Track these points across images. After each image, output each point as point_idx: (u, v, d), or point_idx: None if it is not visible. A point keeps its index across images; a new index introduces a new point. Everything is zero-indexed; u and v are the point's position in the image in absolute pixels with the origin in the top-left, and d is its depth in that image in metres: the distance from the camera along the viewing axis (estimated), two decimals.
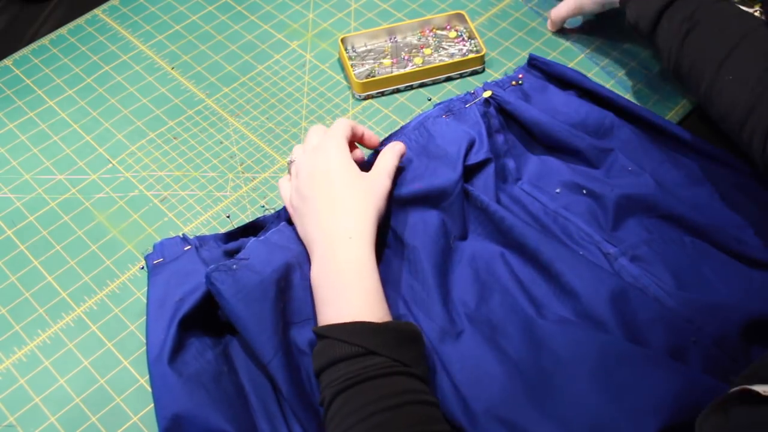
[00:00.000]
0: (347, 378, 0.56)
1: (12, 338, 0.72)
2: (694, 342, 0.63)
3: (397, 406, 0.54)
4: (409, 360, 0.58)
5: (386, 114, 0.89)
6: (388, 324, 0.59)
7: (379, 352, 0.56)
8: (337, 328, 0.59)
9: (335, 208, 0.66)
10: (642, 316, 0.63)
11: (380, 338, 0.57)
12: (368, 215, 0.66)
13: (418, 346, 0.60)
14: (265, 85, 0.93)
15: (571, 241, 0.71)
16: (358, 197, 0.66)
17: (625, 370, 0.59)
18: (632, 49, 0.95)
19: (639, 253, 0.70)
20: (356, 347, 0.57)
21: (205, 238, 0.74)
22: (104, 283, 0.76)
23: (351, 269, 0.62)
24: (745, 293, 0.67)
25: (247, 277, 0.65)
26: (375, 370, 0.56)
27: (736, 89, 0.68)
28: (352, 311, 0.60)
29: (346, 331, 0.58)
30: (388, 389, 0.55)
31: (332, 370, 0.57)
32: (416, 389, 0.57)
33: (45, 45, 0.97)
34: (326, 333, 0.59)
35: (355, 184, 0.67)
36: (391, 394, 0.55)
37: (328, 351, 0.58)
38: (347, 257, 0.63)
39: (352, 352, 0.57)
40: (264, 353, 0.63)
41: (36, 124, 0.89)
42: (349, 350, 0.57)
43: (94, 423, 0.67)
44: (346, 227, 0.64)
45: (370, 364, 0.56)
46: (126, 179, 0.84)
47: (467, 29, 0.96)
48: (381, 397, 0.55)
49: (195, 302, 0.67)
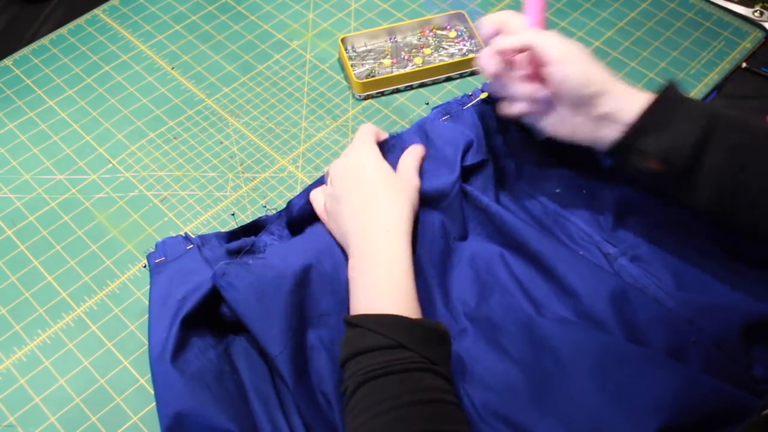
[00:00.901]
0: (374, 369, 0.56)
1: (12, 338, 0.72)
2: (694, 342, 0.63)
3: (420, 402, 0.54)
4: (437, 358, 0.57)
5: (386, 114, 0.89)
6: (420, 321, 0.60)
7: (409, 346, 0.56)
8: (369, 318, 0.59)
9: (371, 203, 0.66)
10: (642, 316, 0.63)
11: (411, 333, 0.57)
12: (404, 210, 0.66)
13: (446, 346, 0.60)
14: (265, 85, 0.93)
15: (571, 241, 0.72)
16: (392, 192, 0.67)
17: (626, 370, 0.59)
18: (632, 49, 0.95)
19: (639, 254, 0.70)
20: (387, 339, 0.57)
21: (207, 237, 0.74)
22: (104, 283, 0.76)
23: (387, 263, 0.63)
24: (745, 294, 0.67)
25: (262, 272, 0.66)
26: (403, 363, 0.56)
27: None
28: (385, 304, 0.60)
29: (379, 323, 0.58)
30: (413, 384, 0.55)
31: (360, 359, 0.57)
32: (441, 388, 0.56)
33: (45, 45, 0.97)
34: (358, 322, 0.59)
35: (389, 179, 0.68)
36: (415, 390, 0.55)
37: (358, 340, 0.58)
38: (384, 251, 0.63)
39: (383, 343, 0.57)
40: (273, 347, 0.63)
41: (36, 124, 0.89)
42: (380, 341, 0.57)
43: (94, 423, 0.67)
44: (383, 221, 0.65)
45: (399, 357, 0.56)
46: (126, 179, 0.84)
47: (467, 29, 0.96)
48: (405, 391, 0.55)
49: (197, 301, 0.67)
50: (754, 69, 0.93)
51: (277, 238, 0.73)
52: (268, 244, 0.73)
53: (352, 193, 0.68)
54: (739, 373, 0.63)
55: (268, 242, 0.73)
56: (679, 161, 0.62)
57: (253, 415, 0.64)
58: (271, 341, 0.63)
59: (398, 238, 0.64)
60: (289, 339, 0.64)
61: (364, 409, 0.55)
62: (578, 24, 0.99)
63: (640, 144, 0.63)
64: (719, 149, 0.61)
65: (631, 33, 0.98)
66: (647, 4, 1.01)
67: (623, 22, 0.99)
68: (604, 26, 0.98)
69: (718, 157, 0.61)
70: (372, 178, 0.68)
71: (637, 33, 0.98)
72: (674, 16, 0.99)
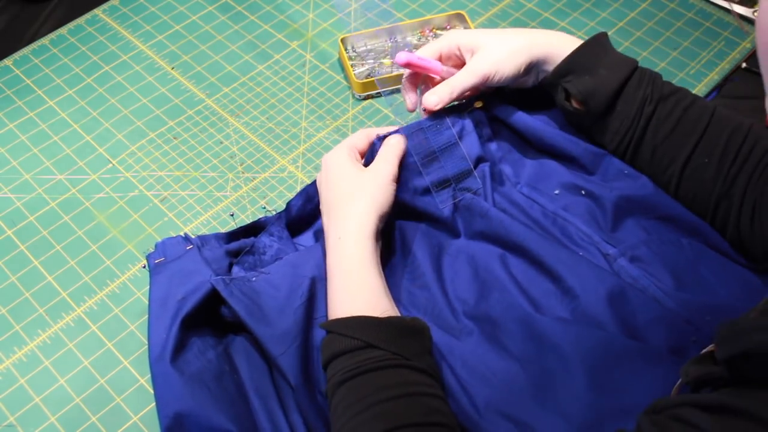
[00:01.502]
0: (347, 370, 0.57)
1: (12, 338, 0.72)
2: (693, 342, 0.63)
3: (396, 397, 0.55)
4: (410, 353, 0.58)
5: (386, 114, 0.89)
6: (390, 318, 0.61)
7: (378, 345, 0.58)
8: (339, 322, 0.61)
9: (335, 210, 0.68)
10: (641, 316, 0.63)
11: (380, 332, 0.59)
12: (367, 211, 0.67)
13: (421, 339, 0.61)
14: (265, 85, 0.93)
15: (571, 242, 0.71)
16: (354, 196, 0.68)
17: (625, 366, 0.59)
18: (632, 49, 0.95)
19: (638, 254, 0.70)
20: (355, 341, 0.58)
21: (206, 238, 0.74)
22: (104, 283, 0.76)
23: (353, 266, 0.64)
24: (743, 294, 0.67)
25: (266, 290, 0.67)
26: (373, 362, 0.57)
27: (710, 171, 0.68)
28: (355, 306, 0.62)
29: (347, 326, 0.60)
30: (386, 381, 0.56)
31: (335, 363, 0.59)
32: (417, 381, 0.57)
33: (45, 45, 0.97)
34: (329, 327, 0.61)
35: (352, 184, 0.68)
36: (389, 386, 0.56)
37: (331, 344, 0.59)
38: (348, 255, 0.65)
39: (352, 345, 0.58)
40: (275, 347, 0.64)
41: (36, 124, 0.89)
42: (349, 343, 0.58)
43: (94, 423, 0.67)
44: (345, 227, 0.66)
45: (369, 356, 0.57)
46: (126, 179, 0.84)
47: (467, 29, 0.96)
48: (379, 388, 0.56)
49: (197, 301, 0.67)
50: (754, 69, 0.93)
51: (276, 240, 0.74)
52: (268, 246, 0.73)
53: (323, 201, 0.70)
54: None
55: (268, 243, 0.73)
56: (597, 105, 0.71)
57: (252, 415, 0.64)
58: (274, 342, 0.64)
59: (359, 241, 0.65)
60: (293, 339, 0.64)
61: (345, 409, 0.56)
62: (578, 24, 0.99)
63: (564, 83, 0.72)
64: (635, 99, 0.70)
65: (631, 33, 0.98)
66: (647, 4, 1.01)
67: (623, 22, 0.99)
68: (604, 26, 0.98)
69: (633, 106, 0.70)
70: (334, 185, 0.69)
71: (637, 33, 0.98)
72: (674, 16, 0.99)
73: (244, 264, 0.71)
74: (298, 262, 0.70)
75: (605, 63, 0.71)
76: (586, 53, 0.71)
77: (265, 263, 0.72)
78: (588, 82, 0.71)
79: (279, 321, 0.65)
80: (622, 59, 0.72)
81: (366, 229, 0.66)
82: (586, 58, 0.71)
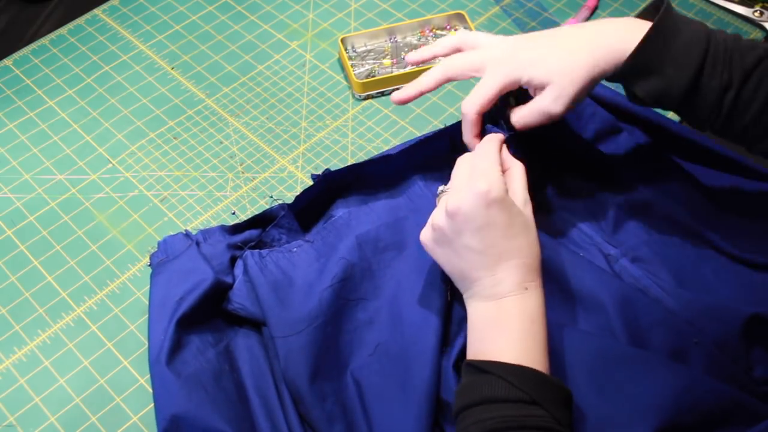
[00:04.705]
0: (506, 419, 0.52)
1: (12, 338, 0.72)
2: (696, 343, 0.63)
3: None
4: (566, 422, 0.54)
5: (386, 114, 0.89)
6: (552, 379, 0.55)
7: (543, 405, 0.53)
8: (503, 366, 0.54)
9: (507, 264, 0.59)
10: (644, 318, 0.63)
11: (545, 391, 0.54)
12: (534, 260, 0.60)
13: (570, 410, 0.55)
14: (265, 85, 0.93)
15: (572, 243, 0.71)
16: (524, 246, 0.59)
17: (624, 372, 0.59)
18: None
19: (639, 254, 0.70)
20: (521, 392, 0.53)
21: (210, 231, 0.73)
22: (104, 283, 0.76)
23: (526, 319, 0.58)
24: (745, 295, 0.67)
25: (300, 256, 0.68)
26: (536, 421, 0.52)
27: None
28: (514, 354, 0.56)
29: (514, 373, 0.54)
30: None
31: (488, 407, 0.53)
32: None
33: (45, 45, 0.97)
34: (490, 369, 0.54)
35: (522, 234, 0.59)
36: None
37: (485, 387, 0.54)
38: (522, 308, 0.58)
39: (516, 396, 0.53)
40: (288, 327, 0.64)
41: (36, 124, 0.89)
42: (514, 393, 0.53)
43: (94, 423, 0.67)
44: (522, 280, 0.58)
45: (534, 414, 0.52)
46: (126, 179, 0.84)
47: (467, 29, 0.96)
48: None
49: (195, 300, 0.67)
50: None
51: (285, 232, 0.74)
52: (276, 239, 0.73)
53: (479, 242, 0.58)
54: (740, 374, 0.63)
55: (276, 236, 0.73)
56: (670, 105, 0.63)
57: (251, 416, 0.64)
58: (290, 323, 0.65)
59: (538, 293, 0.59)
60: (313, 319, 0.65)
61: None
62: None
63: (630, 86, 0.64)
64: (712, 90, 0.61)
65: None
66: (647, 4, 1.01)
67: None
68: None
69: (710, 97, 0.62)
70: (504, 226, 0.58)
71: None
72: None
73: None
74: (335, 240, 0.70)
75: (672, 55, 0.61)
76: (648, 49, 0.62)
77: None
78: (656, 84, 0.62)
79: (304, 299, 0.65)
80: (690, 41, 0.61)
81: (540, 274, 0.60)
82: (649, 55, 0.62)
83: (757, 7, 0.98)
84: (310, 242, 0.70)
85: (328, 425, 0.62)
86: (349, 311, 0.67)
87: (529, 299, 0.58)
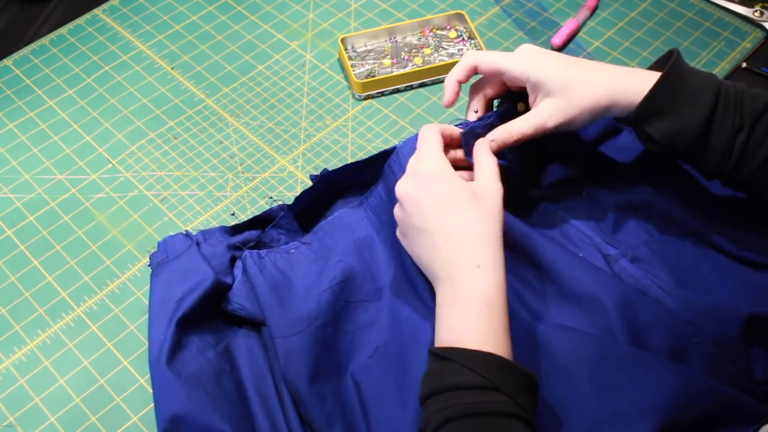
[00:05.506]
0: (465, 407, 0.52)
1: (12, 338, 0.72)
2: (695, 343, 0.63)
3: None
4: (528, 407, 0.53)
5: (386, 114, 0.89)
6: (515, 364, 0.55)
7: (504, 390, 0.52)
8: (464, 353, 0.54)
9: (454, 239, 0.59)
10: (644, 318, 0.63)
11: (507, 376, 0.53)
12: (492, 237, 0.59)
13: (535, 395, 0.55)
14: (265, 85, 0.93)
15: (571, 243, 0.71)
16: (476, 220, 0.59)
17: (623, 372, 0.59)
18: (632, 49, 0.95)
19: (639, 254, 0.70)
20: (482, 378, 0.52)
21: (210, 232, 0.74)
22: (104, 283, 0.76)
23: (493, 297, 0.57)
24: (745, 295, 0.67)
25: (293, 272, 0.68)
26: (497, 407, 0.52)
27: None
28: (489, 342, 0.55)
29: (475, 359, 0.53)
30: (505, 430, 0.51)
31: (449, 395, 0.53)
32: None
33: (45, 45, 0.97)
34: (451, 356, 0.54)
35: (470, 207, 0.60)
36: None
37: (447, 375, 0.53)
38: (476, 288, 0.57)
39: (477, 382, 0.52)
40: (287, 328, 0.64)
41: (36, 124, 0.89)
42: (474, 379, 0.52)
43: (94, 423, 0.67)
44: (471, 257, 0.58)
45: (494, 400, 0.52)
46: (126, 179, 0.84)
47: (467, 29, 0.96)
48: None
49: (194, 301, 0.67)
50: (754, 69, 0.93)
51: (285, 232, 0.74)
52: (276, 239, 0.73)
53: (431, 230, 0.59)
54: (740, 374, 0.63)
55: (276, 237, 0.73)
56: (684, 146, 0.63)
57: (251, 415, 0.64)
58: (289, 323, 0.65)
59: (494, 272, 0.58)
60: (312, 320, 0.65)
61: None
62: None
63: (644, 127, 0.64)
64: (724, 130, 0.62)
65: (631, 33, 0.98)
66: (647, 4, 1.01)
67: (623, 22, 0.99)
68: (604, 26, 0.98)
69: (723, 138, 0.62)
70: (450, 209, 0.59)
71: (637, 33, 0.98)
72: (674, 16, 0.99)
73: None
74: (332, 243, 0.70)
75: (685, 95, 0.63)
76: (664, 88, 0.63)
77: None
78: (670, 125, 0.63)
79: (303, 300, 0.65)
80: (703, 83, 0.63)
81: (500, 255, 0.59)
82: (664, 96, 0.63)
83: (757, 7, 0.98)
84: (307, 244, 0.70)
85: (327, 425, 0.62)
86: (350, 313, 0.67)
87: (483, 278, 0.57)
